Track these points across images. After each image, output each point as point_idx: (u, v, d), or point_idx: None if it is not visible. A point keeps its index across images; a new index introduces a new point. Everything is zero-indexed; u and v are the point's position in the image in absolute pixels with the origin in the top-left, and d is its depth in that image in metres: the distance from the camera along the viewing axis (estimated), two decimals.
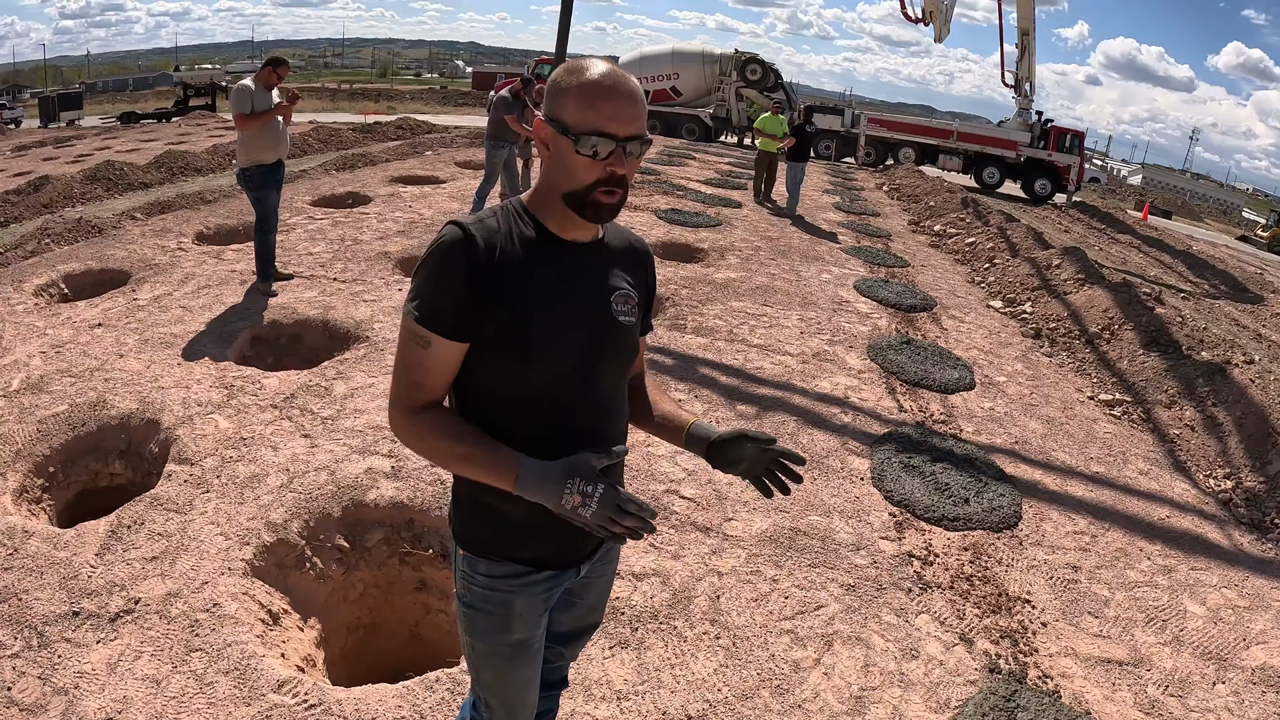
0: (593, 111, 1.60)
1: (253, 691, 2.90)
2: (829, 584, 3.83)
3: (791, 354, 6.71)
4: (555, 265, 1.73)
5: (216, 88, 45.46)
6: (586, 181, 1.64)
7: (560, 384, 1.72)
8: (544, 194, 1.74)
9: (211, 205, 10.59)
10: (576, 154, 1.62)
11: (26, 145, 24.96)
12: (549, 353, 1.69)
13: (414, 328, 1.65)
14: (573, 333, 1.72)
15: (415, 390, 1.70)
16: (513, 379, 1.70)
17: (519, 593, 1.82)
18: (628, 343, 1.84)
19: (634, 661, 3.21)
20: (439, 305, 1.64)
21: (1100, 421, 6.24)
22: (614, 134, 1.61)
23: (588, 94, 1.61)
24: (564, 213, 1.71)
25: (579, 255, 1.78)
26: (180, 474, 4.18)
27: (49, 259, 7.76)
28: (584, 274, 1.78)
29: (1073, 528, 4.62)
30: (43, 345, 5.64)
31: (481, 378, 1.72)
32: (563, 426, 1.74)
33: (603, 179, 1.63)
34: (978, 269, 11.23)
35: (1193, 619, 3.95)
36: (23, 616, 3.18)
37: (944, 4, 27.28)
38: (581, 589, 2.04)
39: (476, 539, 1.82)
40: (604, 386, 1.81)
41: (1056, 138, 29.39)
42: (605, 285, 1.81)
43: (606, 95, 1.61)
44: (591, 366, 1.76)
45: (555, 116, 1.64)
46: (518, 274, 1.68)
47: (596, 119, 1.60)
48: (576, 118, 1.61)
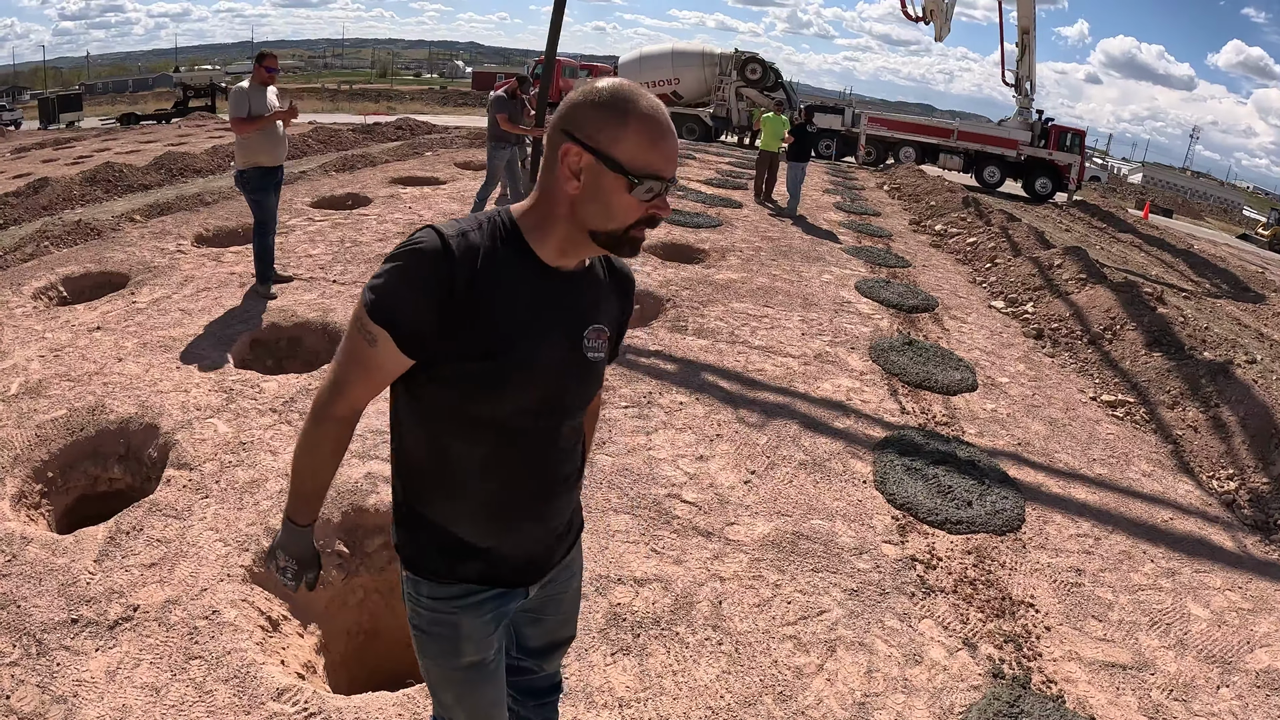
0: (655, 153, 1.52)
1: (252, 699, 2.88)
2: (831, 589, 3.81)
3: (793, 355, 6.69)
4: (537, 296, 1.63)
5: (216, 89, 45.45)
6: (629, 222, 1.55)
7: (523, 415, 1.65)
8: (548, 220, 1.61)
9: (211, 207, 10.57)
10: (628, 194, 1.52)
11: (26, 147, 24.94)
12: (518, 386, 1.61)
13: (365, 320, 1.54)
14: (543, 367, 1.64)
15: (339, 393, 1.64)
16: (476, 408, 1.61)
17: (464, 614, 1.75)
18: (594, 377, 1.78)
19: (636, 668, 3.19)
20: (399, 308, 1.52)
21: (1103, 422, 6.22)
22: (667, 176, 1.54)
23: (649, 133, 1.52)
24: (567, 242, 1.61)
25: (562, 285, 1.67)
26: (179, 479, 4.17)
27: (48, 261, 7.74)
28: (564, 305, 1.68)
29: (1076, 530, 4.60)
30: (41, 349, 5.62)
31: (442, 401, 1.63)
32: (518, 459, 1.69)
33: (644, 219, 1.56)
34: (979, 269, 11.21)
35: (1197, 622, 3.93)
36: (21, 624, 3.16)
37: (944, 2, 27.28)
38: (543, 605, 1.98)
39: (417, 559, 1.75)
40: (565, 420, 1.75)
41: (1057, 136, 29.34)
42: (583, 319, 1.72)
43: (665, 135, 1.54)
44: (557, 400, 1.70)
45: (606, 151, 1.51)
46: (495, 302, 1.56)
47: (658, 162, 1.52)
48: (636, 157, 1.51)
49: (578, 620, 2.19)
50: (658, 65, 32.67)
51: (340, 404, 1.64)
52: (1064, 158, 29.10)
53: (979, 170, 30.00)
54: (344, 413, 1.66)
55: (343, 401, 1.64)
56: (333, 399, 1.64)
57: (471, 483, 1.68)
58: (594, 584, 3.66)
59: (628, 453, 4.83)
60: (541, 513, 1.79)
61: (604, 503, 4.31)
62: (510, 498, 1.72)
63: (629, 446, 4.90)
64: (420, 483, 1.72)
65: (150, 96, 68.35)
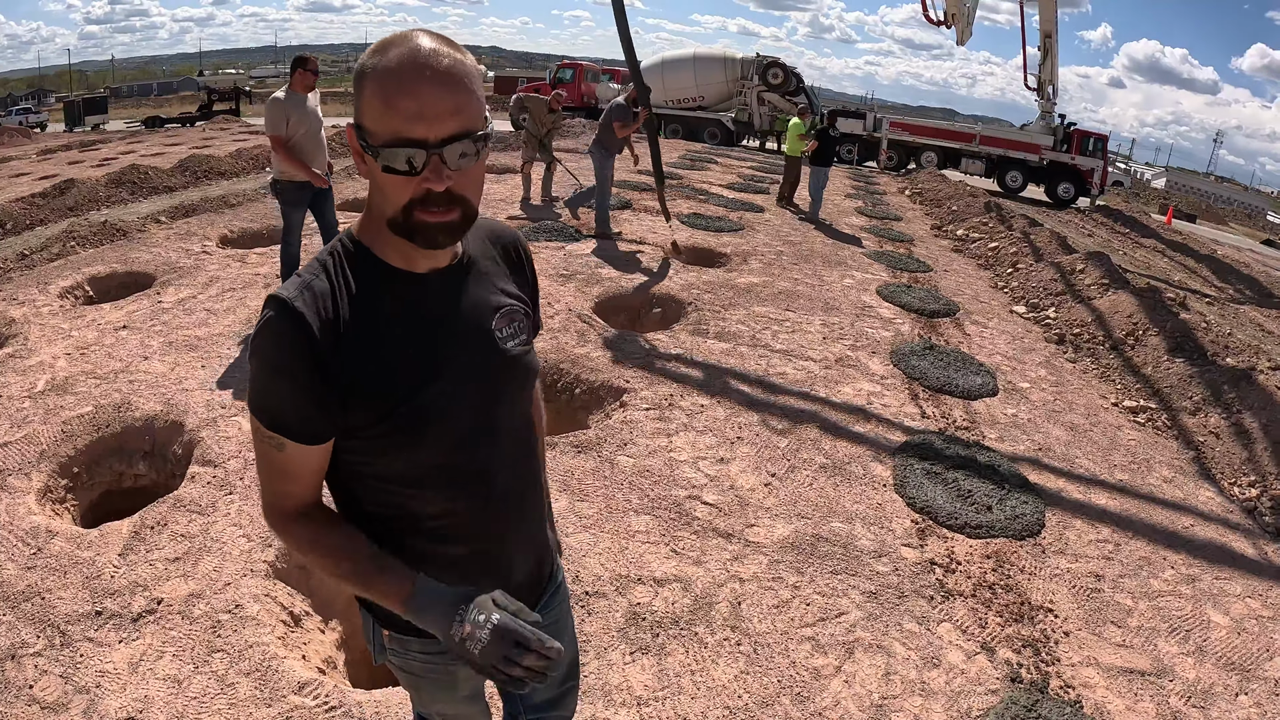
0: (392, 112, 1.22)
1: (274, 693, 2.91)
2: (850, 591, 3.81)
3: (814, 359, 6.68)
4: (419, 309, 1.40)
5: (240, 92, 45.96)
6: (400, 203, 1.28)
7: (458, 449, 1.44)
8: (375, 222, 1.38)
9: (235, 209, 10.67)
10: (383, 170, 1.26)
11: (52, 149, 25.20)
12: (442, 418, 1.40)
13: (262, 431, 1.34)
14: (462, 386, 1.42)
15: (283, 499, 1.41)
16: (400, 461, 1.40)
17: (460, 664, 1.47)
18: (523, 370, 1.55)
19: (655, 667, 3.20)
20: (286, 404, 1.31)
21: (1124, 428, 6.19)
22: (423, 139, 1.23)
23: (384, 87, 1.23)
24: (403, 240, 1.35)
25: (443, 286, 1.44)
26: (204, 475, 4.21)
27: (74, 261, 7.83)
28: (455, 307, 1.45)
29: (1096, 536, 4.58)
30: (68, 347, 5.69)
31: (360, 466, 1.42)
32: (472, 495, 1.48)
33: (417, 198, 1.27)
34: (1001, 274, 11.15)
35: (1216, 629, 3.90)
36: (46, 615, 3.21)
37: (966, 6, 27.09)
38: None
39: (402, 621, 1.42)
40: (508, 432, 1.53)
41: (1080, 141, 29.08)
42: (483, 311, 1.49)
43: (405, 86, 1.22)
44: (490, 417, 1.48)
45: (358, 120, 1.28)
46: (376, 338, 1.35)
47: (396, 121, 1.22)
48: (375, 122, 1.25)
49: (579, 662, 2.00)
50: (679, 70, 32.64)
51: (287, 505, 1.42)
52: (1087, 162, 28.84)
53: (1001, 175, 29.80)
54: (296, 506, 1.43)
55: (288, 503, 1.42)
56: (279, 506, 1.42)
57: (433, 532, 1.48)
58: (614, 583, 3.67)
59: (649, 454, 4.84)
60: (519, 531, 1.61)
61: (624, 504, 4.33)
62: (480, 531, 1.52)
63: (650, 448, 4.91)
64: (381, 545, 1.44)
65: (175, 100, 69.17)
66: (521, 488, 1.60)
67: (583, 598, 3.54)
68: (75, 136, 33.95)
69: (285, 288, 1.32)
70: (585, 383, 5.82)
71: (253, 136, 23.79)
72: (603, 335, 6.65)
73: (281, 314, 1.29)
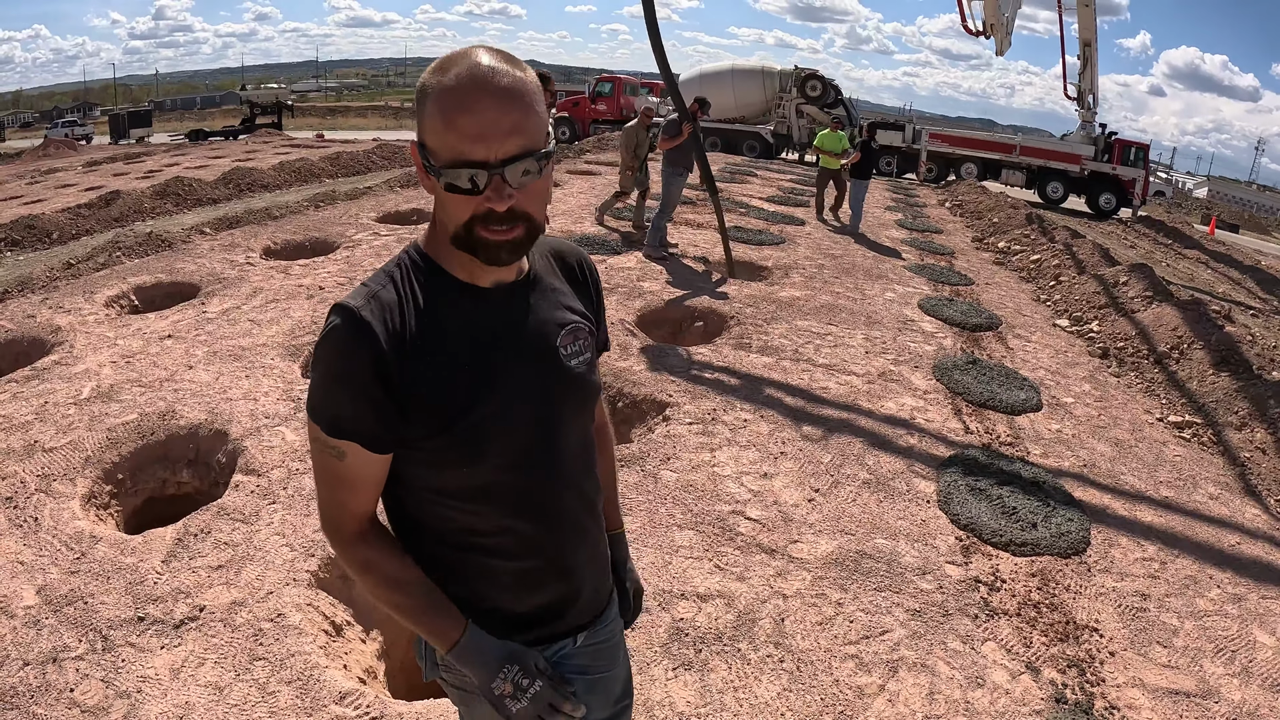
0: (452, 132, 1.22)
1: (315, 702, 2.91)
2: (894, 609, 3.75)
3: (857, 374, 6.63)
4: (483, 324, 1.39)
5: (282, 106, 46.56)
6: (462, 220, 1.28)
7: (517, 466, 1.41)
8: (440, 235, 1.38)
9: (279, 221, 10.79)
10: (446, 191, 1.26)
11: (98, 161, 25.68)
12: (500, 435, 1.38)
13: (323, 439, 1.33)
14: (523, 403, 1.41)
15: (340, 510, 1.39)
16: (460, 475, 1.38)
17: None
18: (587, 389, 1.53)
19: (697, 683, 3.17)
20: (347, 410, 1.30)
21: (1170, 444, 6.08)
22: (482, 160, 1.23)
23: (445, 108, 1.23)
24: (469, 256, 1.35)
25: (508, 301, 1.43)
26: (247, 484, 4.24)
27: (120, 271, 7.95)
28: (520, 323, 1.43)
29: (1141, 554, 4.49)
30: (113, 355, 5.77)
31: (419, 480, 1.40)
32: (531, 512, 1.46)
33: (479, 215, 1.27)
34: (1043, 286, 11.03)
35: (1263, 649, 3.80)
36: (88, 620, 3.24)
37: (1005, 16, 26.90)
38: (594, 656, 1.69)
39: None
40: (569, 450, 1.50)
41: (1120, 151, 28.73)
42: (548, 327, 1.47)
43: (465, 105, 1.22)
44: (552, 434, 1.46)
45: (421, 139, 1.28)
46: (438, 351, 1.34)
47: (456, 141, 1.22)
48: (437, 143, 1.24)
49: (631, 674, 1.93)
50: (717, 83, 32.64)
51: (349, 523, 1.41)
52: (1128, 172, 28.49)
53: (1041, 186, 29.52)
54: (359, 526, 1.41)
55: (349, 520, 1.41)
56: (336, 524, 1.42)
57: (491, 549, 1.45)
58: (657, 599, 3.65)
59: (692, 469, 4.81)
60: (579, 550, 1.56)
61: (668, 518, 4.31)
62: (538, 549, 1.48)
63: (693, 463, 4.89)
64: (435, 566, 1.46)
65: (218, 113, 70.23)
66: (583, 506, 1.56)
67: None
68: (120, 149, 34.57)
69: (352, 296, 1.33)
70: (628, 396, 5.80)
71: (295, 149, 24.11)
72: (644, 348, 6.64)
73: (348, 322, 1.29)
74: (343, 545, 1.42)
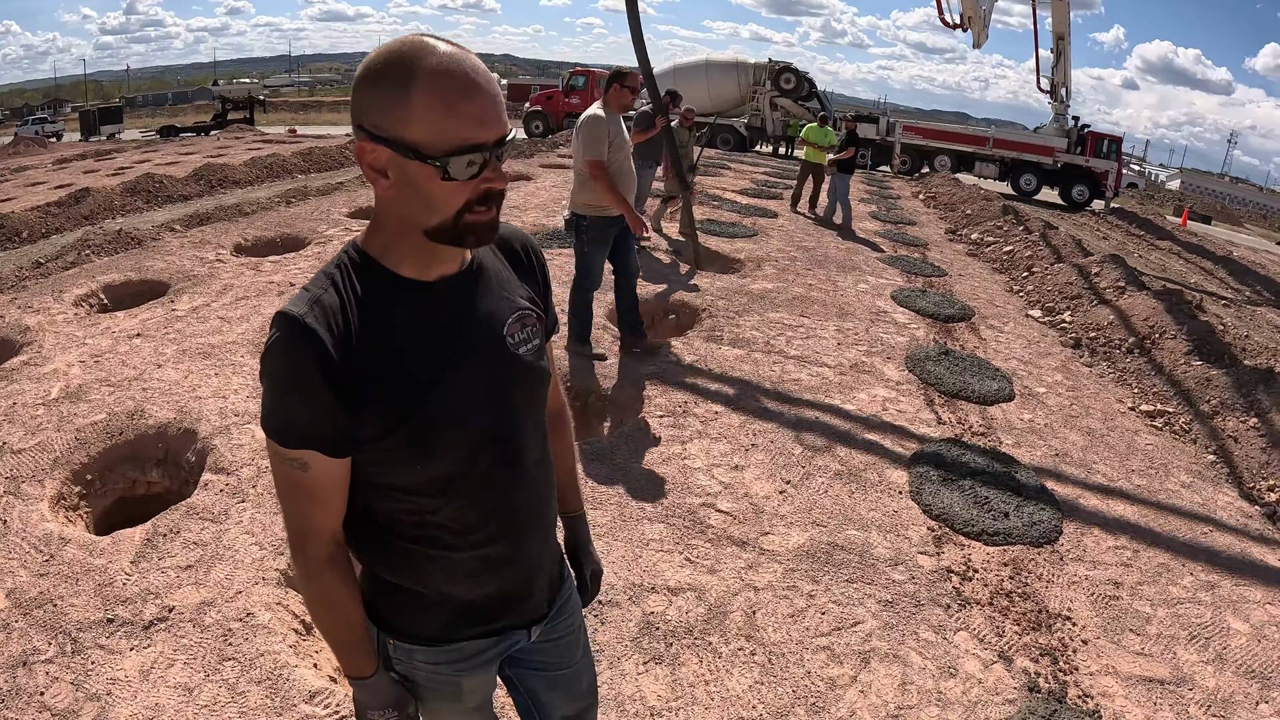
0: (455, 120, 1.21)
1: (285, 701, 2.90)
2: (866, 600, 3.77)
3: (829, 365, 6.65)
4: (429, 319, 1.38)
5: (255, 101, 46.21)
6: (456, 208, 1.27)
7: (472, 458, 1.41)
8: (392, 234, 1.36)
9: (250, 217, 10.71)
10: (442, 180, 1.24)
11: (68, 158, 25.41)
12: (453, 430, 1.38)
13: (282, 453, 1.32)
14: (474, 396, 1.40)
15: (308, 528, 1.38)
16: (413, 470, 1.38)
17: (467, 674, 1.60)
18: (536, 376, 1.52)
19: (668, 677, 3.17)
20: (303, 419, 1.29)
21: (1142, 433, 6.13)
22: (484, 141, 1.24)
23: (442, 96, 1.21)
24: (424, 249, 1.35)
25: (454, 293, 1.42)
26: (217, 483, 4.21)
27: (89, 270, 7.87)
28: (466, 315, 1.42)
29: (1114, 543, 4.52)
30: (82, 354, 5.71)
31: (374, 477, 1.39)
32: (487, 503, 1.46)
33: (474, 199, 1.27)
34: (1016, 277, 11.10)
35: (1236, 636, 3.84)
36: (57, 622, 3.20)
37: (982, 9, 27.02)
38: (555, 654, 1.76)
39: (406, 627, 1.54)
40: (522, 440, 1.50)
41: (1094, 143, 28.92)
42: (495, 317, 1.46)
43: (466, 92, 1.22)
44: (505, 425, 1.46)
45: (399, 137, 1.23)
46: (387, 349, 1.33)
47: (463, 128, 1.22)
48: (434, 133, 1.21)
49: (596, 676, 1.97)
50: (692, 77, 32.62)
51: (316, 546, 1.40)
52: (1101, 164, 28.68)
53: (1015, 178, 29.70)
54: (326, 551, 1.41)
55: (316, 542, 1.40)
56: (306, 546, 1.40)
57: (448, 542, 1.46)
58: (627, 592, 3.65)
59: (662, 462, 4.81)
60: (535, 538, 1.58)
61: (638, 511, 4.30)
62: (490, 541, 1.48)
63: (664, 456, 4.89)
64: (387, 556, 1.49)
65: (190, 109, 69.65)
66: (537, 495, 1.56)
67: (596, 607, 3.51)
68: (91, 146, 34.23)
69: (294, 303, 1.30)
70: (598, 390, 5.80)
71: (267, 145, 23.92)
72: (616, 342, 6.63)
73: (293, 331, 1.27)
74: (308, 571, 1.41)
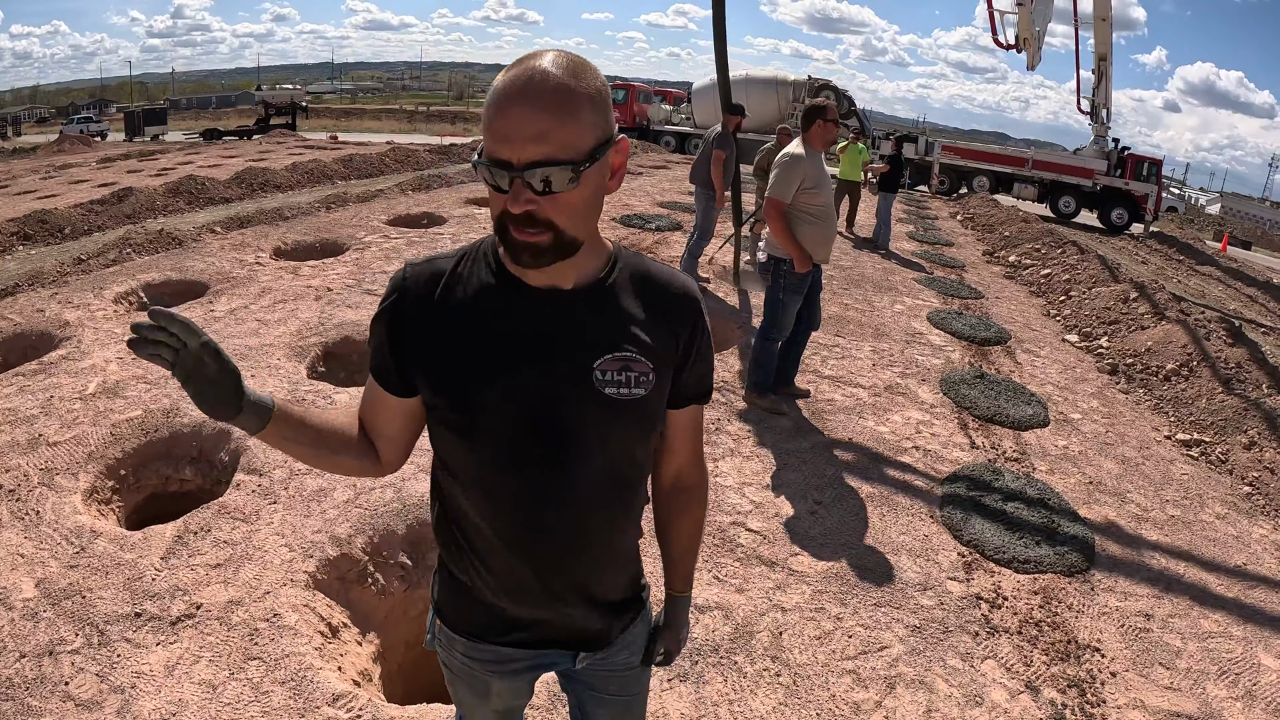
0: (488, 130, 1.25)
1: (308, 703, 2.90)
2: (894, 624, 3.73)
3: (863, 386, 6.61)
4: (508, 319, 1.39)
5: (297, 107, 46.81)
6: (496, 214, 1.30)
7: (512, 468, 1.41)
8: None
9: (290, 222, 10.82)
10: (486, 183, 1.29)
11: (112, 157, 25.82)
12: (491, 433, 1.39)
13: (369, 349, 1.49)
14: (521, 405, 1.38)
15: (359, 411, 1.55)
16: (454, 452, 1.44)
17: (495, 679, 1.63)
18: (626, 420, 1.44)
19: (692, 695, 3.15)
20: (374, 348, 1.46)
21: (1177, 462, 6.03)
22: (507, 160, 1.23)
23: (488, 105, 1.25)
24: None
25: (551, 307, 1.39)
26: (249, 484, 4.24)
27: (130, 268, 7.98)
28: (553, 330, 1.39)
29: (1146, 574, 4.45)
30: (120, 351, 5.78)
31: (437, 445, 1.49)
32: (520, 520, 1.45)
33: (507, 213, 1.27)
34: (1053, 301, 10.98)
35: (1267, 673, 3.75)
36: (85, 614, 3.23)
37: (1036, 30, 26.85)
38: (605, 681, 1.73)
39: (452, 614, 1.60)
40: (584, 473, 1.44)
41: (1134, 166, 28.53)
42: (590, 346, 1.40)
43: (501, 107, 1.23)
44: (560, 449, 1.41)
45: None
46: (450, 329, 1.38)
47: (490, 141, 1.25)
48: (484, 136, 1.27)
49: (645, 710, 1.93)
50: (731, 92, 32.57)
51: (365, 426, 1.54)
52: (1140, 187, 28.29)
53: (1054, 200, 29.37)
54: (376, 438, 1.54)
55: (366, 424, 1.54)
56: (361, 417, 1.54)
57: (481, 544, 1.49)
58: (653, 609, 3.62)
59: None
60: (567, 575, 1.52)
61: None
62: (522, 558, 1.48)
63: None
64: (445, 542, 1.57)
65: (233, 113, 70.60)
66: (591, 535, 1.50)
67: None
68: (135, 146, 34.78)
69: (416, 258, 1.46)
70: None
71: (309, 150, 24.19)
72: None
73: (394, 279, 1.45)
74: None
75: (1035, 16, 26.26)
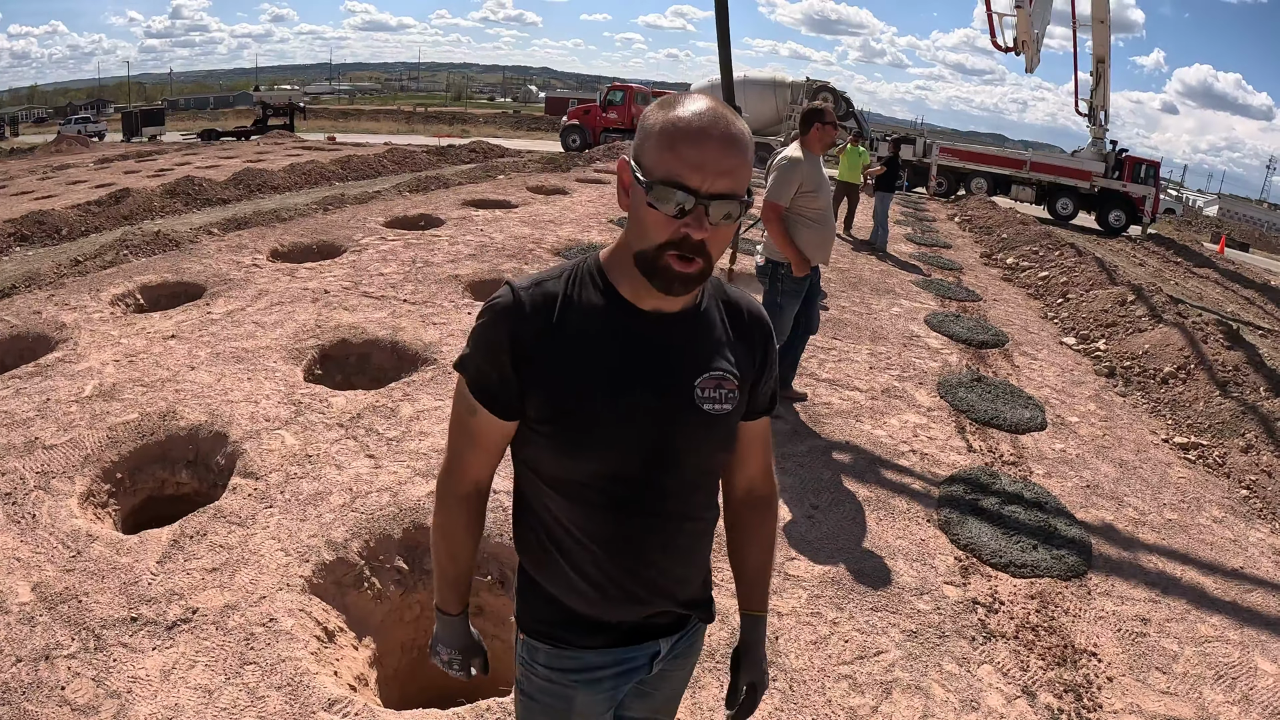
0: (672, 155, 1.30)
1: (303, 708, 2.90)
2: (890, 629, 3.73)
3: (860, 389, 6.61)
4: (623, 341, 1.46)
5: (295, 108, 46.79)
6: (656, 241, 1.35)
7: (620, 479, 1.49)
8: (619, 251, 1.48)
9: (287, 223, 10.79)
10: (648, 205, 1.33)
11: (109, 158, 25.83)
12: (599, 449, 1.46)
13: (464, 391, 1.51)
14: (634, 427, 1.46)
15: (456, 466, 1.59)
16: (558, 467, 1.50)
17: (580, 689, 1.63)
18: (715, 433, 1.55)
19: (688, 700, 3.14)
20: (485, 376, 1.47)
21: (1175, 465, 6.04)
22: (694, 187, 1.30)
23: (669, 133, 1.31)
24: (636, 275, 1.43)
25: (659, 329, 1.49)
26: (245, 487, 4.23)
27: (127, 270, 7.97)
28: (663, 352, 1.49)
29: (1143, 578, 4.45)
30: (116, 354, 5.77)
31: (533, 462, 1.54)
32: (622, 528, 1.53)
33: (674, 241, 1.33)
34: (1051, 304, 11.00)
35: (1264, 677, 3.76)
36: (81, 618, 3.23)
37: (1036, 33, 26.85)
38: (657, 680, 1.79)
39: (533, 624, 1.63)
40: (680, 482, 1.54)
41: (1131, 168, 28.52)
42: (691, 366, 1.51)
43: (692, 138, 1.30)
44: (663, 461, 1.50)
45: (637, 157, 1.37)
46: (571, 351, 1.44)
47: (675, 165, 1.30)
48: (654, 160, 1.32)
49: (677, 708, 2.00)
50: None
51: (459, 480, 1.60)
52: (1138, 190, 28.27)
53: (1051, 202, 29.37)
54: (465, 489, 1.61)
55: (461, 477, 1.60)
56: (450, 476, 1.61)
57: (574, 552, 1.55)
58: None
59: None
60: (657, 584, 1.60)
61: None
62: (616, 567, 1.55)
63: None
64: (529, 549, 1.62)
65: (231, 114, 70.54)
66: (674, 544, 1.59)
67: None
68: (132, 147, 34.79)
69: (522, 279, 1.49)
70: None
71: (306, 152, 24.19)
72: None
73: (506, 301, 1.45)
74: (443, 498, 1.64)
75: (1034, 19, 26.26)
